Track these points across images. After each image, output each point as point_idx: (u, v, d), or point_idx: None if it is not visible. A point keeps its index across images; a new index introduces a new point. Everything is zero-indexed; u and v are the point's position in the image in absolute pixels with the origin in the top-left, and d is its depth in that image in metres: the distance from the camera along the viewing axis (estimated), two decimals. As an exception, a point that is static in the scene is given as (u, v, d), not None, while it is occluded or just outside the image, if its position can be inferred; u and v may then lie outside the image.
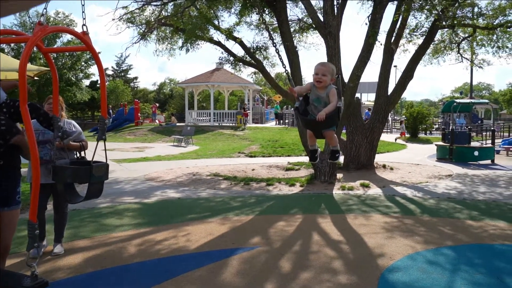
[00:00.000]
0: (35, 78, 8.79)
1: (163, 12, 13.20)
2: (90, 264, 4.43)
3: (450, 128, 15.40)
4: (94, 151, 2.96)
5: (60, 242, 4.74)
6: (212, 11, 12.67)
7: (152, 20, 13.22)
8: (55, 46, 35.44)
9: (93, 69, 40.16)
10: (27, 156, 3.36)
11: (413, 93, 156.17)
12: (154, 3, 12.89)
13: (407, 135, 23.82)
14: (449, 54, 13.96)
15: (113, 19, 12.95)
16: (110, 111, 32.78)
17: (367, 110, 25.30)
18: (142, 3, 12.76)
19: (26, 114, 2.35)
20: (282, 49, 9.94)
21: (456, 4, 11.16)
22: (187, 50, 13.66)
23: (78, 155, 3.79)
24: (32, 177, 2.70)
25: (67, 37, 36.71)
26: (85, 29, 2.77)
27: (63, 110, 4.72)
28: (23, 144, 3.28)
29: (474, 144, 15.68)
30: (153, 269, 4.33)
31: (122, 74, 59.00)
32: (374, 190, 8.79)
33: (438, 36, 12.97)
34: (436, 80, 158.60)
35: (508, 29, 11.97)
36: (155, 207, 7.30)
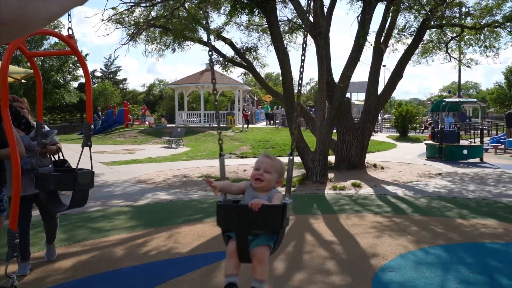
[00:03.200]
0: (22, 80, 8.67)
1: (152, 13, 13.12)
2: (82, 269, 4.37)
3: (439, 127, 15.54)
4: (79, 157, 2.90)
5: (52, 243, 4.62)
6: (201, 12, 12.63)
7: (141, 21, 13.14)
8: (42, 48, 35.08)
9: (81, 71, 39.81)
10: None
11: (401, 92, 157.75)
12: (143, 4, 12.81)
13: (396, 134, 24.01)
14: (438, 53, 14.09)
15: (102, 20, 12.84)
16: (100, 113, 32.48)
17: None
18: (131, 4, 12.67)
19: (7, 118, 2.29)
20: (272, 50, 9.94)
21: (444, 4, 11.26)
22: (174, 50, 13.63)
23: (53, 158, 3.70)
24: (12, 184, 2.63)
25: (54, 39, 36.33)
26: (70, 32, 2.73)
27: (29, 113, 4.56)
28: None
29: (463, 142, 15.84)
30: (146, 273, 4.29)
31: (111, 75, 58.56)
32: (366, 190, 8.82)
33: (426, 36, 13.09)
34: (425, 79, 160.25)
35: (495, 29, 12.11)
36: (146, 210, 7.24)
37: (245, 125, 26.82)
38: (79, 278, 4.13)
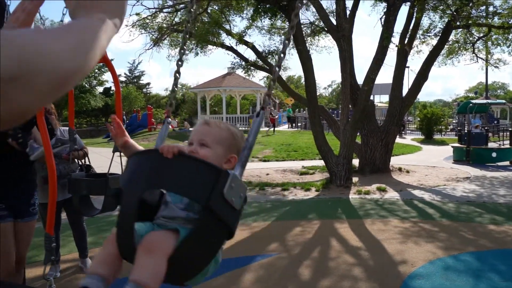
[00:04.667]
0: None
1: (175, 18, 13.29)
2: (109, 273, 4.43)
3: (466, 129, 15.18)
4: (110, 163, 2.95)
5: (87, 256, 4.63)
6: (223, 16, 12.72)
7: (165, 26, 13.32)
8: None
9: (107, 76, 40.63)
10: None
11: (426, 94, 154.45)
12: (166, 10, 12.99)
13: (421, 137, 23.56)
14: (464, 54, 13.77)
15: (126, 25, 13.08)
16: (124, 117, 33.07)
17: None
18: (154, 9, 12.87)
19: (43, 125, 2.35)
20: (294, 53, 9.92)
21: (471, 4, 11.00)
22: (197, 54, 13.77)
23: (80, 163, 3.75)
24: (49, 188, 2.68)
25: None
26: None
27: (56, 118, 4.60)
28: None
29: (491, 145, 15.42)
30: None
31: (135, 80, 59.54)
32: (391, 194, 8.68)
33: (452, 36, 12.81)
34: (449, 80, 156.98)
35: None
36: (171, 214, 7.30)
37: (271, 129, 26.72)
38: (107, 282, 4.19)
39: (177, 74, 1.45)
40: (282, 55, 1.21)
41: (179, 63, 1.45)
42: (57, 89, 0.59)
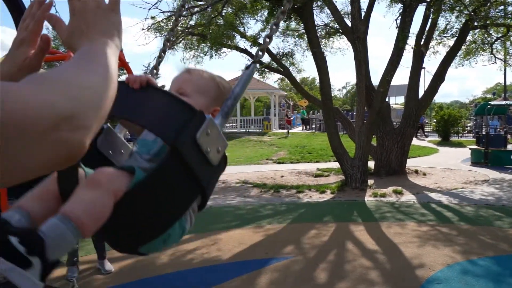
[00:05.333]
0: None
1: (190, 21, 13.38)
2: (127, 274, 4.48)
3: (484, 131, 14.93)
4: None
5: (105, 258, 4.65)
6: (238, 19, 12.76)
7: (179, 29, 13.43)
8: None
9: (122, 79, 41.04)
10: None
11: (442, 95, 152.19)
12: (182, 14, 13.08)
13: (438, 138, 23.24)
14: (482, 55, 13.55)
15: (142, 29, 13.23)
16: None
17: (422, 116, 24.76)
18: (169, 13, 12.98)
19: None
20: (309, 55, 9.89)
21: (488, 4, 10.83)
22: (211, 57, 13.83)
23: None
24: None
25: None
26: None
27: None
28: None
29: (510, 147, 15.12)
30: (188, 280, 4.34)
31: (150, 83, 60.13)
32: (408, 197, 8.58)
33: (469, 37, 12.63)
34: (466, 80, 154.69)
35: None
36: (186, 216, 7.33)
37: (287, 130, 26.68)
38: (124, 283, 4.24)
39: (163, 54, 1.36)
40: (267, 39, 1.12)
41: (167, 43, 1.37)
42: (101, 120, 0.59)
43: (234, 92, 1.04)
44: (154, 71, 1.35)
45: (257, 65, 9.91)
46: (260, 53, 1.10)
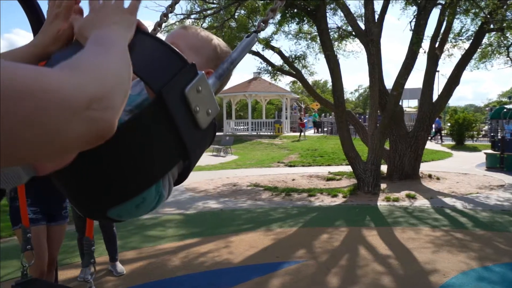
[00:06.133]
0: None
1: (203, 24, 13.43)
2: (139, 276, 4.48)
3: (500, 135, 14.69)
4: None
5: (117, 260, 4.66)
6: (250, 21, 12.78)
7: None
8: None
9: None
10: None
11: (456, 98, 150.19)
12: (194, 16, 13.15)
13: (452, 142, 22.94)
14: (498, 58, 13.37)
15: (154, 31, 13.31)
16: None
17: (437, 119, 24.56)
18: (182, 15, 13.04)
19: None
20: (321, 58, 9.84)
21: (505, 6, 10.67)
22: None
23: None
24: None
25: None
26: None
27: None
28: None
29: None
30: (199, 282, 4.33)
31: (162, 85, 60.54)
32: (421, 202, 8.47)
33: (485, 40, 12.45)
34: (481, 84, 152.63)
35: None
36: (197, 219, 7.35)
37: (302, 133, 26.56)
38: (136, 285, 4.24)
39: (158, 27, 1.19)
40: (262, 24, 1.02)
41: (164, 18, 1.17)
42: (125, 102, 0.63)
43: (232, 56, 0.95)
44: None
45: (269, 68, 9.86)
46: (262, 24, 1.03)
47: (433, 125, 24.94)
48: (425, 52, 10.87)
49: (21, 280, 2.38)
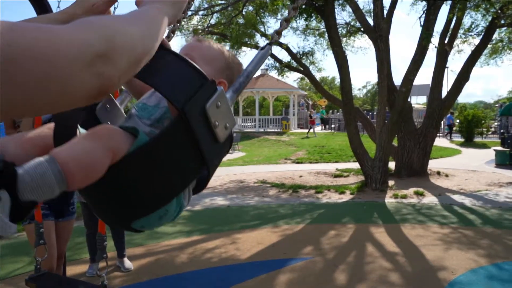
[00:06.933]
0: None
1: (211, 20, 13.43)
2: (146, 272, 4.51)
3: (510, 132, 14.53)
4: None
5: (125, 256, 4.68)
6: (258, 18, 12.75)
7: (199, 28, 13.49)
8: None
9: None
10: None
11: (465, 95, 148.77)
12: (202, 12, 13.15)
13: (461, 139, 22.74)
14: (508, 53, 13.20)
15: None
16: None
17: (449, 115, 24.43)
18: (190, 12, 13.04)
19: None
20: (329, 54, 9.80)
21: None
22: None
23: None
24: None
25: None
26: None
27: None
28: None
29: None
30: (207, 279, 4.34)
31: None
32: (429, 199, 8.41)
33: (496, 35, 12.30)
34: (491, 80, 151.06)
35: None
36: (204, 215, 7.36)
37: (311, 130, 26.47)
38: (144, 281, 4.27)
39: (172, 34, 1.29)
40: (276, 35, 1.05)
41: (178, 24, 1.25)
42: (133, 68, 0.67)
43: (247, 69, 0.99)
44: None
45: (277, 64, 9.85)
46: (276, 35, 1.05)
47: (447, 121, 24.78)
48: (435, 47, 10.76)
49: (35, 274, 2.41)
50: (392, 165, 10.93)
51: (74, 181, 0.71)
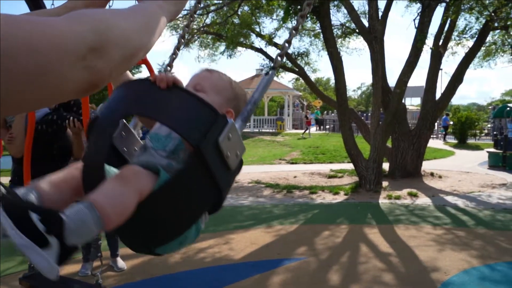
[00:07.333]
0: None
1: (206, 20, 13.41)
2: (139, 272, 4.49)
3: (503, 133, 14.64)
4: None
5: (118, 256, 4.66)
6: (254, 18, 12.75)
7: (195, 27, 13.48)
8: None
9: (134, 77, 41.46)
10: (77, 154, 3.48)
11: (459, 97, 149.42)
12: (198, 12, 13.13)
13: (454, 141, 22.88)
14: (502, 56, 13.30)
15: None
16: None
17: (445, 116, 24.68)
18: (186, 11, 13.02)
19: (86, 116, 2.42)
20: (324, 55, 9.82)
21: (510, 4, 10.61)
22: (229, 56, 13.84)
23: None
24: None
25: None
26: None
27: None
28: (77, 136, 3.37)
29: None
30: (200, 279, 4.33)
31: (165, 81, 60.54)
32: (423, 200, 8.45)
33: (489, 38, 12.39)
34: (485, 82, 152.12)
35: None
36: (199, 214, 7.34)
37: (307, 131, 26.51)
38: (137, 281, 4.25)
39: (177, 51, 1.38)
40: (287, 44, 1.11)
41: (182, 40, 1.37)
42: (126, 62, 0.67)
43: (254, 97, 1.04)
44: (168, 68, 1.35)
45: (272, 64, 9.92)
46: (279, 58, 1.09)
47: (443, 123, 24.96)
48: (430, 48, 10.81)
49: (29, 273, 2.40)
50: (386, 166, 10.97)
51: (110, 224, 0.78)
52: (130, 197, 0.82)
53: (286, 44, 1.11)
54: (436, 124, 23.51)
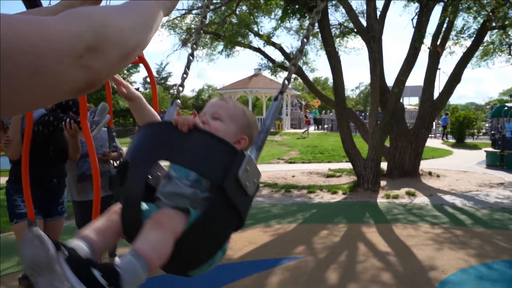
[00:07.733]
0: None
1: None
2: (137, 271, 4.48)
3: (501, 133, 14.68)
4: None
5: (116, 255, 4.65)
6: (252, 17, 12.75)
7: (193, 27, 13.46)
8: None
9: (134, 77, 41.42)
10: (73, 155, 3.46)
11: (457, 96, 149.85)
12: (195, 11, 13.12)
13: (452, 140, 22.91)
14: (499, 56, 13.32)
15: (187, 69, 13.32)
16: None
17: (444, 115, 24.75)
18: (184, 10, 13.02)
19: (86, 128, 2.40)
20: (322, 54, 9.82)
21: (508, 4, 10.63)
22: (228, 55, 13.82)
23: (115, 164, 3.82)
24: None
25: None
26: None
27: None
28: (74, 139, 3.35)
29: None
30: (198, 278, 4.32)
31: (162, 81, 60.45)
32: (421, 199, 8.47)
33: (487, 38, 12.40)
34: (483, 82, 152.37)
35: None
36: (197, 214, 7.34)
37: (307, 131, 26.50)
38: (135, 280, 4.24)
39: (187, 70, 1.42)
40: (299, 53, 1.14)
41: (192, 55, 1.40)
42: (123, 61, 0.67)
43: (266, 125, 1.10)
44: (180, 88, 1.40)
45: (270, 64, 9.89)
46: (286, 82, 1.12)
47: (443, 122, 24.99)
48: (428, 48, 10.82)
49: None
50: (384, 165, 10.99)
51: (154, 267, 0.92)
52: (167, 240, 0.95)
53: (293, 67, 1.14)
54: (434, 123, 23.57)
